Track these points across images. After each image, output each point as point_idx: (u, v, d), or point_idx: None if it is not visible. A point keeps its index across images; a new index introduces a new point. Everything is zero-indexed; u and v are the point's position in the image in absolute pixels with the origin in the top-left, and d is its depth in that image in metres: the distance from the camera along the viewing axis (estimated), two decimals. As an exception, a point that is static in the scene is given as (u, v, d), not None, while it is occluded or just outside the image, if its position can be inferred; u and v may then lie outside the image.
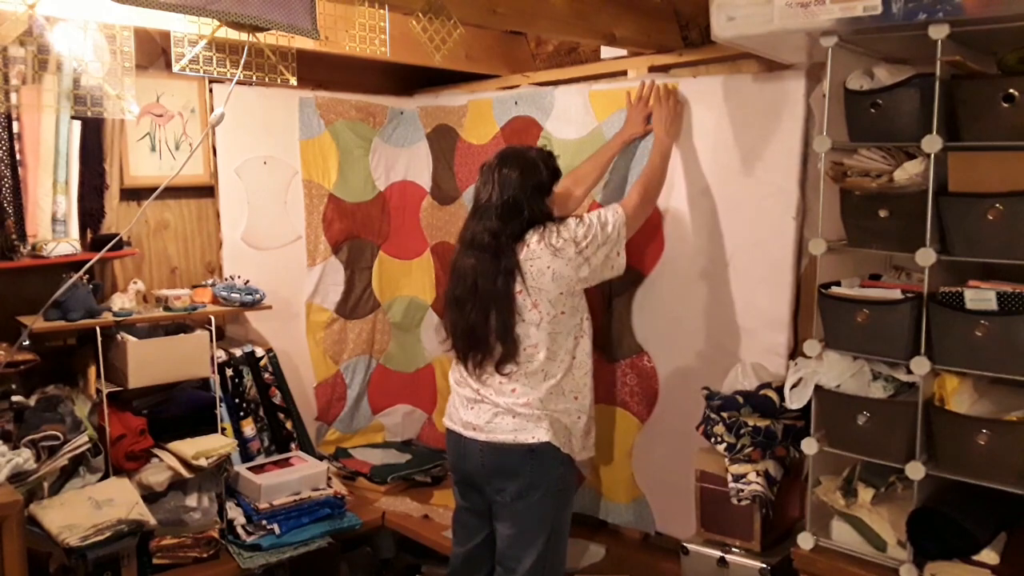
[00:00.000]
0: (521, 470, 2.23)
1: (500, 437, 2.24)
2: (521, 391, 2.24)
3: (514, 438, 2.23)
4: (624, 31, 2.55)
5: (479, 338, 2.24)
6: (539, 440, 2.21)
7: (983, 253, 1.74)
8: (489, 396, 2.26)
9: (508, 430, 2.24)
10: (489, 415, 2.26)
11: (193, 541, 2.61)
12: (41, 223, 2.61)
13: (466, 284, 2.26)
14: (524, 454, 2.22)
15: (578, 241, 2.22)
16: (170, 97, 2.96)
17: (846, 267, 2.01)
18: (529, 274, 2.20)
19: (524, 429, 2.23)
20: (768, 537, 2.21)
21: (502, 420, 2.25)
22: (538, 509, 2.24)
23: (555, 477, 2.25)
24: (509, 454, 2.23)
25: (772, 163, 2.35)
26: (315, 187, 3.30)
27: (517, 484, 2.23)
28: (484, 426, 2.27)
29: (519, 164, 2.28)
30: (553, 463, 2.24)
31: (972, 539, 1.77)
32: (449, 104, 3.36)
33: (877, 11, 1.72)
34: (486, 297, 2.22)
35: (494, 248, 2.22)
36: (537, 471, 2.22)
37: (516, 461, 2.23)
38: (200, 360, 2.75)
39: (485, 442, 2.26)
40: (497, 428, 2.25)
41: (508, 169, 2.26)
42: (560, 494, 2.27)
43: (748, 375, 2.32)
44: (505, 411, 2.24)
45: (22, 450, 2.33)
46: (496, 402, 2.25)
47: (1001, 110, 1.69)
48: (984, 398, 1.81)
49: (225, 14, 1.91)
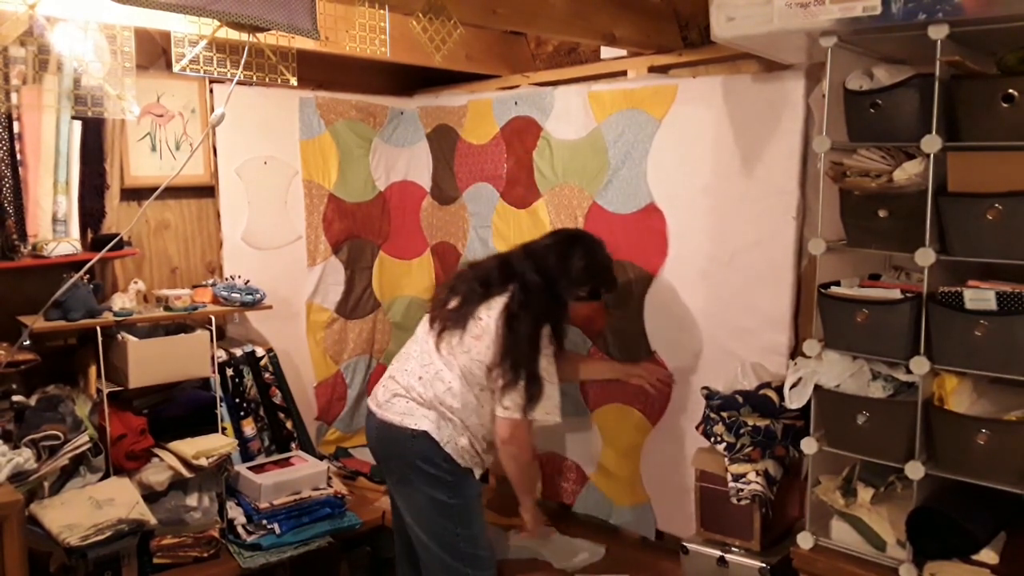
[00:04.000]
0: (404, 453, 2.31)
1: (390, 417, 2.35)
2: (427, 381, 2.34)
3: (400, 420, 2.31)
4: (624, 31, 2.55)
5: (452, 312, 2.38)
6: (420, 428, 2.29)
7: (982, 253, 1.74)
8: (409, 370, 2.39)
9: (398, 412, 2.34)
10: (390, 394, 2.38)
11: (193, 541, 2.62)
12: (42, 223, 2.61)
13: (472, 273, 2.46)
14: (407, 438, 2.30)
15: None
16: (170, 97, 2.96)
17: (846, 267, 2.01)
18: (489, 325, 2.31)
19: (411, 414, 2.32)
20: (768, 537, 2.21)
21: (398, 401, 2.36)
22: (420, 499, 2.31)
23: (438, 471, 2.29)
24: (395, 435, 2.33)
25: (772, 163, 2.35)
26: (315, 187, 3.31)
27: (400, 467, 2.33)
28: (383, 403, 2.39)
29: (588, 257, 2.41)
30: (435, 456, 2.29)
31: (971, 539, 1.77)
32: (449, 104, 3.36)
33: (876, 11, 1.72)
34: (472, 293, 2.38)
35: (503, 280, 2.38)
36: (419, 458, 2.29)
37: (400, 443, 2.32)
38: (200, 360, 2.75)
39: (379, 420, 2.38)
40: (391, 408, 2.36)
41: (576, 255, 2.39)
42: (449, 490, 2.30)
43: (748, 375, 2.32)
44: (404, 394, 2.35)
45: (23, 450, 2.33)
46: (400, 382, 2.38)
47: (1001, 110, 1.69)
48: (983, 398, 1.82)
49: (225, 14, 1.91)
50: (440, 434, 2.29)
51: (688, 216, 2.57)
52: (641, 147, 2.65)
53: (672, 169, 2.58)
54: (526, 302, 2.29)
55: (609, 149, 2.73)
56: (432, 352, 2.38)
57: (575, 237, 2.48)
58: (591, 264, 2.41)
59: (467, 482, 2.36)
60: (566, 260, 2.37)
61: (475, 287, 2.38)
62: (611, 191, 2.74)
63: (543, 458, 3.07)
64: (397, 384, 2.40)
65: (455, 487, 2.31)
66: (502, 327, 2.28)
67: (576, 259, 2.38)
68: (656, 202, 2.63)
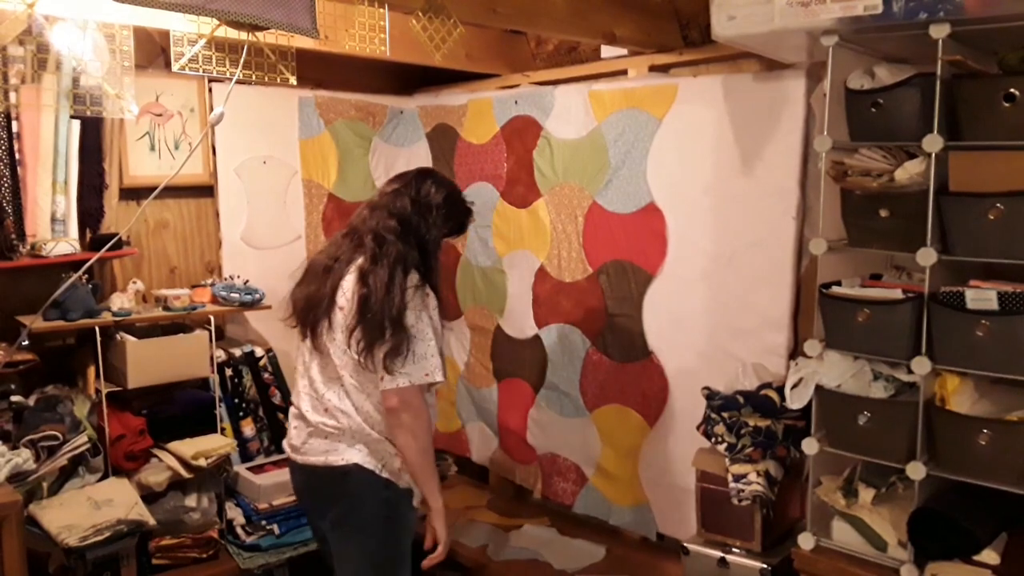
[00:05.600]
0: (338, 494, 2.08)
1: (313, 460, 2.11)
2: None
3: (325, 460, 2.09)
4: (624, 30, 2.55)
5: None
6: (351, 462, 2.06)
7: (984, 253, 1.73)
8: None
9: (320, 451, 2.11)
10: (304, 435, 2.15)
11: (192, 541, 2.61)
12: (40, 222, 2.61)
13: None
14: (339, 477, 2.07)
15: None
16: (169, 96, 2.95)
17: (846, 267, 2.01)
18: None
19: (334, 450, 2.09)
20: (768, 537, 2.21)
21: (315, 441, 2.11)
22: (351, 547, 2.09)
23: (378, 504, 2.08)
24: (324, 476, 2.10)
25: (772, 162, 2.34)
26: (315, 187, 3.30)
27: (337, 511, 2.10)
28: (301, 447, 2.15)
29: (443, 186, 2.21)
30: (375, 485, 2.07)
31: (973, 539, 1.77)
32: (449, 103, 3.35)
33: (878, 10, 1.72)
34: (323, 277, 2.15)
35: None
36: (357, 494, 2.07)
37: (332, 484, 2.09)
38: (199, 360, 2.74)
39: (302, 465, 2.14)
40: (312, 449, 2.12)
41: (432, 189, 2.17)
42: (387, 523, 2.09)
43: (749, 375, 2.32)
44: (318, 430, 2.11)
45: (21, 450, 2.33)
46: (311, 420, 2.12)
47: (1002, 110, 1.68)
48: (985, 398, 1.81)
49: (224, 13, 1.91)
50: (372, 461, 2.07)
51: (688, 216, 2.56)
52: (641, 146, 2.64)
53: (672, 168, 2.58)
54: (379, 254, 2.04)
55: (609, 148, 2.73)
56: (318, 373, 2.12)
57: (421, 173, 2.25)
58: (450, 193, 2.20)
59: (404, 518, 2.14)
60: (425, 197, 2.14)
61: (324, 269, 2.13)
62: (611, 190, 2.74)
63: (542, 459, 3.07)
64: (307, 422, 2.12)
65: (391, 525, 2.10)
66: (356, 285, 2.03)
67: (434, 193, 2.16)
68: (656, 202, 2.63)
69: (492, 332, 3.24)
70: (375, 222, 2.11)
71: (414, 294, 2.03)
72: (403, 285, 2.02)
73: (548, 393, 3.03)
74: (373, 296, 1.99)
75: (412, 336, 2.01)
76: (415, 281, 2.05)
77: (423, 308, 2.05)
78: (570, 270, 2.91)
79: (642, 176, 2.65)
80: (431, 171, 2.30)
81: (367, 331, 1.98)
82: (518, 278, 3.11)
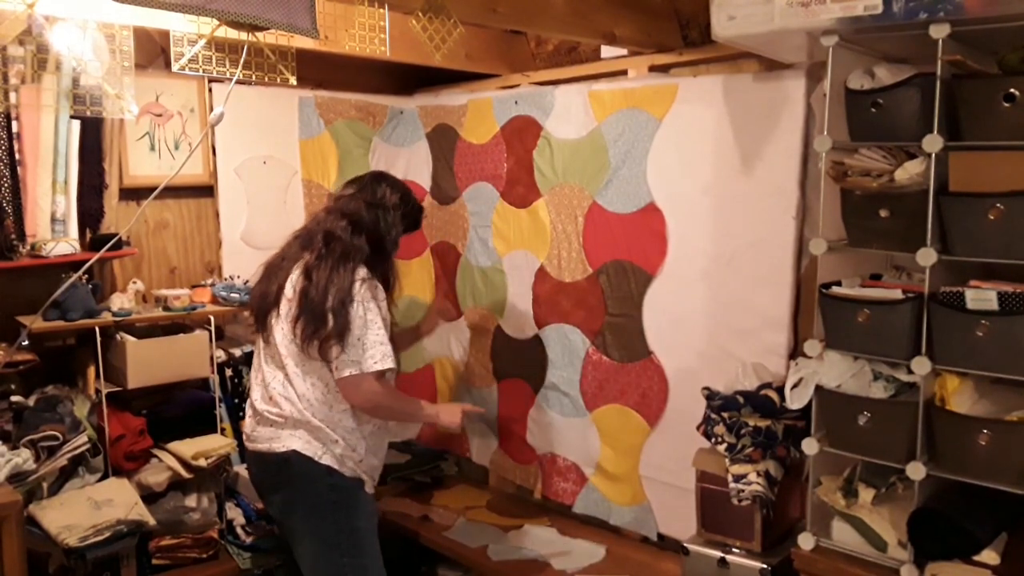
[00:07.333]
0: (280, 482, 2.18)
1: (259, 447, 2.22)
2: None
3: (269, 447, 2.19)
4: (624, 30, 2.55)
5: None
6: (289, 448, 2.15)
7: (984, 253, 1.73)
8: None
9: (265, 439, 2.22)
10: (254, 423, 2.28)
11: (192, 542, 2.61)
12: (40, 223, 2.61)
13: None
14: (280, 463, 2.16)
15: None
16: (169, 96, 2.95)
17: (846, 267, 2.01)
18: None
19: (277, 437, 2.19)
20: (768, 537, 2.21)
21: (261, 429, 2.23)
22: (302, 533, 2.16)
23: (320, 492, 2.15)
24: (268, 463, 2.20)
25: (772, 163, 2.34)
26: (315, 187, 3.30)
27: (281, 498, 2.19)
28: (251, 435, 2.29)
29: (396, 187, 2.40)
30: (313, 473, 2.15)
31: (973, 539, 1.77)
32: (449, 103, 3.35)
33: (878, 10, 1.72)
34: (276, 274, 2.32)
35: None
36: (297, 482, 2.15)
37: (275, 471, 2.19)
38: (199, 360, 2.74)
39: (251, 452, 2.27)
40: (258, 437, 2.24)
41: (388, 191, 2.36)
42: (336, 513, 2.16)
43: (748, 375, 2.32)
44: (264, 418, 2.23)
45: (21, 450, 2.33)
46: (258, 408, 2.25)
47: (1002, 110, 1.68)
48: (985, 398, 1.81)
49: (224, 13, 1.91)
50: (312, 448, 2.15)
51: (688, 216, 2.56)
52: (641, 146, 2.64)
53: (672, 169, 2.58)
54: (326, 251, 2.19)
55: (609, 148, 2.73)
56: (266, 364, 2.25)
57: (375, 176, 2.43)
58: (404, 194, 2.40)
59: (356, 500, 2.20)
60: (382, 199, 2.32)
61: (275, 268, 2.28)
62: (611, 191, 2.74)
63: (542, 459, 3.07)
64: (255, 411, 2.26)
65: (342, 508, 2.16)
66: (300, 279, 2.18)
67: (390, 195, 2.35)
68: (656, 202, 2.63)
69: (492, 332, 3.24)
70: (328, 223, 2.26)
71: (361, 286, 2.16)
72: (350, 278, 2.15)
73: (548, 393, 3.03)
74: (313, 289, 2.13)
75: (361, 326, 2.13)
76: (363, 274, 2.19)
77: (372, 299, 2.18)
78: (570, 270, 2.91)
79: (642, 176, 2.65)
80: (384, 174, 2.48)
81: (309, 321, 2.12)
82: (518, 278, 3.11)
